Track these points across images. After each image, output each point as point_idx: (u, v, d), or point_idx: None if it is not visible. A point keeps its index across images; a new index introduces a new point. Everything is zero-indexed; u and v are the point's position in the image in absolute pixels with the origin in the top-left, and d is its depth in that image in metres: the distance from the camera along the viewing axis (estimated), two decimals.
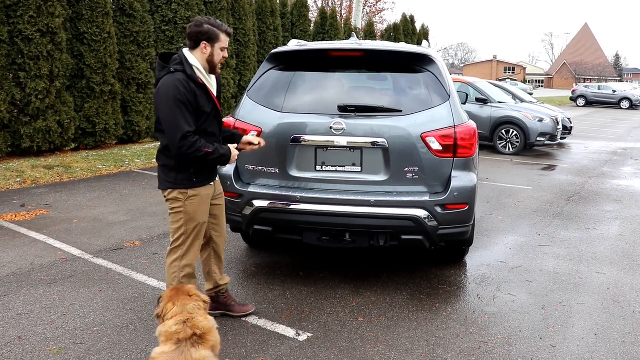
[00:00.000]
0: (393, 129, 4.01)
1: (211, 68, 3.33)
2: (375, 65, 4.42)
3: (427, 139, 3.99)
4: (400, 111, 4.08)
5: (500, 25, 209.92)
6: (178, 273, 3.39)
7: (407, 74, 4.31)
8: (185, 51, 3.28)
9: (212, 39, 3.26)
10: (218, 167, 3.63)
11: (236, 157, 3.46)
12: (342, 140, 4.03)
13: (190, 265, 3.43)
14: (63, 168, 8.93)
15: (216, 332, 2.62)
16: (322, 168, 4.14)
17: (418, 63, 4.28)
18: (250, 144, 3.65)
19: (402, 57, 4.36)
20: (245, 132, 4.17)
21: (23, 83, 9.47)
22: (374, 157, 4.05)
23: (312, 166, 4.15)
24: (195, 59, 3.26)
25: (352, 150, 4.06)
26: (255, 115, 4.25)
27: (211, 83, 3.37)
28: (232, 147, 3.45)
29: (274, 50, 4.46)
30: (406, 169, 4.02)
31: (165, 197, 3.39)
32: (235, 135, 3.70)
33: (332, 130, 4.03)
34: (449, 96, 4.14)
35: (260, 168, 4.21)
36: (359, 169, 4.09)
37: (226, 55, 3.39)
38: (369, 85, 4.54)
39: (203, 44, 3.25)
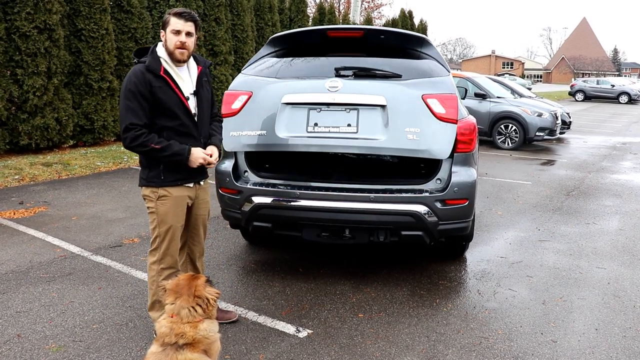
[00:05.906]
0: (392, 86, 3.89)
1: (169, 55, 3.09)
2: (375, 47, 4.38)
3: (428, 100, 3.85)
4: (400, 76, 3.98)
5: (499, 20, 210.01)
6: (157, 277, 3.24)
7: (407, 58, 4.27)
8: (159, 43, 3.16)
9: (164, 25, 3.10)
10: (208, 168, 3.32)
11: (200, 161, 3.15)
12: (338, 98, 3.82)
13: (169, 268, 3.26)
14: (61, 165, 8.91)
15: (209, 340, 2.50)
16: (314, 129, 3.89)
17: (417, 46, 4.26)
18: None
19: (402, 38, 4.33)
20: (234, 97, 4.06)
21: (20, 80, 9.42)
22: (372, 117, 3.86)
23: (303, 127, 3.93)
24: (162, 49, 3.12)
25: (347, 110, 3.88)
26: (245, 84, 4.12)
27: (180, 75, 3.14)
28: (198, 149, 3.17)
29: (274, 35, 4.46)
30: (406, 130, 3.82)
31: (142, 195, 3.28)
32: (211, 138, 3.38)
33: (328, 88, 3.86)
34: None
35: (245, 133, 4.00)
36: (354, 129, 3.86)
37: (182, 39, 3.05)
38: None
39: (161, 33, 3.12)
